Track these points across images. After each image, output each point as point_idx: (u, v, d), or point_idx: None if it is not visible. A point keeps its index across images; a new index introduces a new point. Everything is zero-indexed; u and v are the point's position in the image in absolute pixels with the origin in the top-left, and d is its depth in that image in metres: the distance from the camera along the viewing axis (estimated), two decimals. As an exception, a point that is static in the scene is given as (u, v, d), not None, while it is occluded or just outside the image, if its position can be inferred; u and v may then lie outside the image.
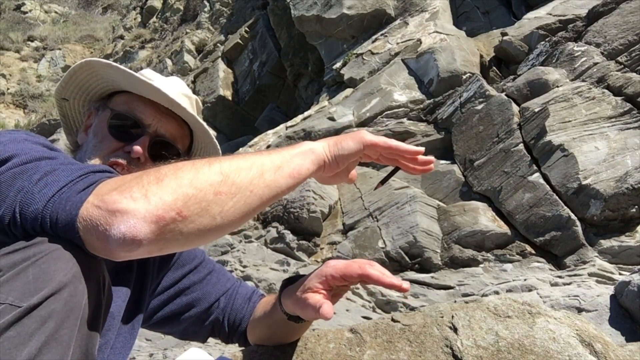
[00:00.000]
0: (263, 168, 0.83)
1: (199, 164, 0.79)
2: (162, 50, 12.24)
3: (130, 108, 1.09)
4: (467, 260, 4.00)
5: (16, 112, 14.93)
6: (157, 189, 0.73)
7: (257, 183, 0.81)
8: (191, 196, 0.74)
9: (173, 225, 0.72)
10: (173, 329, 1.22)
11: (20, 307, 0.66)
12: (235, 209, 0.78)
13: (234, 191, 0.78)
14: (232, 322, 1.19)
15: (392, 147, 0.98)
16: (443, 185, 4.73)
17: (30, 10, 19.97)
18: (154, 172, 0.76)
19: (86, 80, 1.12)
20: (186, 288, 1.20)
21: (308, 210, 4.66)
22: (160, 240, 0.72)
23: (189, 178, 0.76)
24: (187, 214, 0.73)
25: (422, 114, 5.52)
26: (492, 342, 1.04)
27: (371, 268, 0.94)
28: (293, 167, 0.87)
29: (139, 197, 0.72)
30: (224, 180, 0.78)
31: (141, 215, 0.70)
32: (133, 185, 0.73)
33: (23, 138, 0.86)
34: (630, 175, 3.75)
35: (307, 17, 7.34)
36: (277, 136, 6.25)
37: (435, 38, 6.11)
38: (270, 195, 0.83)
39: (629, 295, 3.03)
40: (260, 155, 0.86)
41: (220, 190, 0.77)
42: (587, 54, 4.75)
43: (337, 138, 0.97)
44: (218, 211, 0.76)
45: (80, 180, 0.77)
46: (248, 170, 0.81)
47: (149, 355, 3.37)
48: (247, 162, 0.82)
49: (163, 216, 0.71)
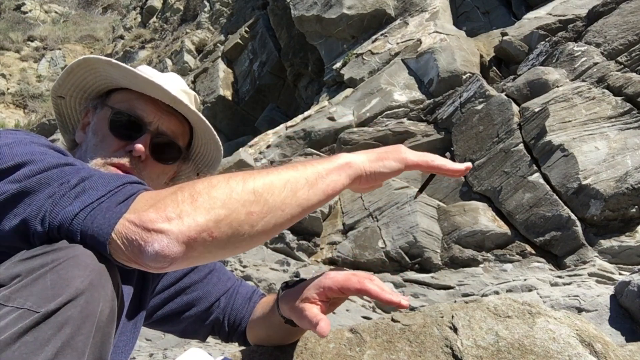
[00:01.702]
0: (297, 185, 0.82)
1: (234, 181, 0.79)
2: (162, 50, 12.24)
3: (130, 106, 1.07)
4: (467, 260, 4.00)
5: (16, 112, 14.94)
6: (191, 209, 0.74)
7: (290, 202, 0.80)
8: (223, 217, 0.75)
9: (202, 246, 0.74)
10: (173, 327, 1.22)
11: (38, 313, 0.67)
12: (265, 227, 0.79)
13: (266, 211, 0.78)
14: (233, 322, 1.19)
15: (436, 166, 0.95)
16: (443, 185, 4.74)
17: (30, 10, 19.97)
18: (189, 189, 0.77)
19: (84, 78, 1.10)
20: (187, 287, 1.20)
21: (308, 210, 4.66)
22: (190, 258, 0.75)
23: (223, 199, 0.76)
24: (218, 235, 0.75)
25: (422, 114, 5.52)
26: (492, 342, 1.04)
27: (370, 283, 0.93)
28: (328, 184, 0.85)
29: (174, 217, 0.73)
30: (257, 200, 0.78)
31: (174, 236, 0.72)
32: (168, 204, 0.75)
33: (29, 140, 0.85)
34: (630, 175, 3.75)
35: (307, 17, 7.34)
36: (277, 136, 6.25)
37: (435, 38, 6.11)
38: (301, 212, 0.83)
39: (629, 295, 3.03)
40: (295, 169, 0.84)
41: (252, 210, 0.77)
42: (587, 54, 4.75)
43: (380, 154, 0.94)
44: (248, 230, 0.77)
45: (118, 191, 0.78)
46: (281, 189, 0.80)
47: (149, 355, 3.37)
48: (281, 179, 0.81)
49: (195, 238, 0.73)
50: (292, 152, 5.90)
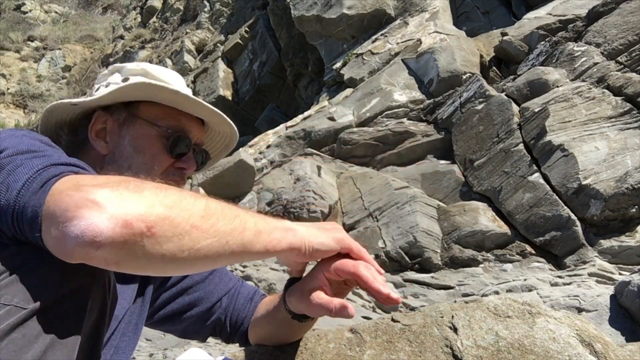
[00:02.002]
0: (246, 226, 0.78)
1: (187, 194, 0.75)
2: (162, 50, 12.24)
3: (179, 124, 1.08)
4: (467, 260, 4.00)
5: (16, 112, 14.94)
6: (134, 196, 0.68)
7: (236, 237, 0.75)
8: (167, 217, 0.69)
9: (139, 239, 0.66)
10: (174, 327, 1.22)
11: (26, 309, 0.67)
12: (207, 251, 0.72)
13: (212, 233, 0.72)
14: (234, 323, 1.19)
15: (364, 261, 0.91)
16: (443, 185, 4.73)
17: (30, 10, 19.97)
18: (135, 181, 0.72)
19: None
20: (188, 287, 1.20)
21: (308, 210, 4.66)
22: (121, 251, 0.66)
23: (171, 200, 0.71)
24: (157, 233, 0.67)
25: (422, 114, 5.52)
26: (492, 342, 1.04)
27: (365, 269, 0.89)
28: (271, 239, 0.81)
29: (112, 197, 0.66)
30: (206, 217, 0.73)
31: (108, 214, 0.64)
32: (110, 184, 0.69)
33: (22, 134, 0.85)
34: (630, 175, 3.75)
35: (307, 17, 7.34)
36: (277, 136, 6.25)
37: (435, 38, 6.11)
38: (242, 255, 0.78)
39: (629, 295, 3.03)
40: (246, 212, 0.81)
41: (199, 225, 0.71)
42: (587, 54, 4.75)
43: (319, 229, 0.90)
44: (189, 245, 0.70)
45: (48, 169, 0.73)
46: (231, 220, 0.76)
47: (149, 355, 3.37)
48: (232, 212, 0.78)
49: (131, 223, 0.65)
50: (292, 152, 5.90)
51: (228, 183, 5.30)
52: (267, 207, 5.09)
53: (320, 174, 5.14)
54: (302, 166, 5.25)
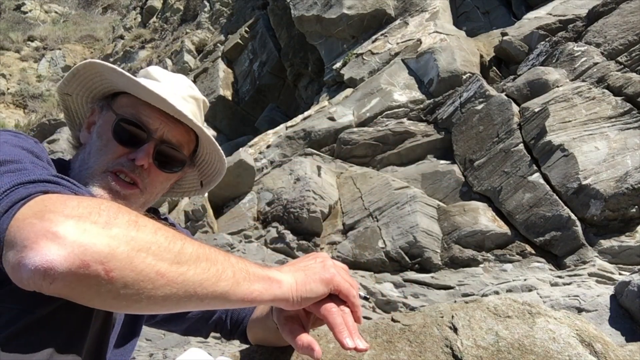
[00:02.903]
0: (222, 276, 0.73)
1: (162, 234, 0.69)
2: (162, 50, 12.24)
3: (135, 112, 1.04)
4: (467, 260, 4.00)
5: (16, 112, 14.94)
6: (100, 233, 0.64)
7: (207, 287, 0.71)
8: (130, 261, 0.64)
9: (94, 281, 0.63)
10: (176, 327, 1.23)
11: (33, 314, 0.67)
12: (167, 298, 0.68)
13: (179, 282, 0.68)
14: (235, 321, 1.20)
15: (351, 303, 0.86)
16: (443, 185, 4.73)
17: (30, 10, 19.98)
18: (108, 214, 0.67)
19: (89, 79, 1.08)
20: None
21: (308, 210, 4.66)
22: (74, 289, 0.63)
23: (142, 241, 0.66)
24: (115, 277, 0.63)
25: (422, 114, 5.52)
26: (492, 342, 1.04)
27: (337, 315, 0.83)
28: (251, 291, 0.76)
29: (75, 232, 0.63)
30: (177, 264, 0.68)
31: (65, 251, 0.61)
32: (78, 215, 0.65)
33: (3, 140, 0.83)
34: (630, 175, 3.75)
35: (307, 17, 7.34)
36: (277, 136, 6.25)
37: (435, 38, 6.11)
38: (211, 303, 0.74)
39: (629, 296, 3.03)
40: (227, 259, 0.76)
41: (165, 273, 0.67)
42: (587, 54, 4.75)
43: (307, 274, 0.84)
44: (149, 293, 0.66)
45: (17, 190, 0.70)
46: (206, 269, 0.71)
47: (149, 355, 3.37)
48: (209, 259, 0.72)
49: (88, 264, 0.62)
50: (292, 152, 5.90)
51: (228, 183, 5.30)
52: (267, 207, 5.09)
53: (320, 174, 5.14)
54: (302, 166, 5.25)
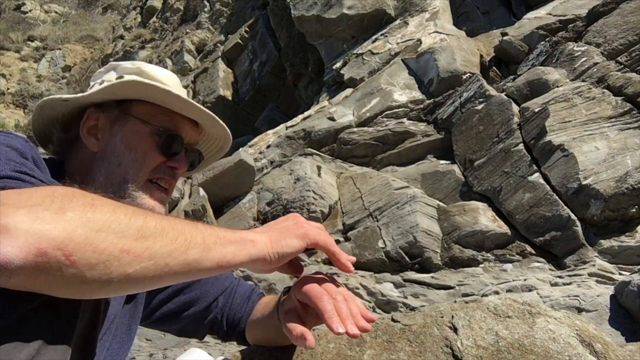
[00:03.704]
0: (191, 243, 0.72)
1: (121, 211, 0.68)
2: (162, 50, 12.24)
3: (173, 124, 1.07)
4: (467, 260, 4.00)
5: (16, 112, 14.94)
6: (54, 219, 0.62)
7: (177, 257, 0.70)
8: (90, 242, 0.62)
9: (56, 267, 0.61)
10: (171, 327, 1.22)
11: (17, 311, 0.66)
12: (141, 275, 0.67)
13: (147, 256, 0.67)
14: (231, 322, 1.19)
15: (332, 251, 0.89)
16: (443, 185, 4.73)
17: (30, 10, 19.98)
18: (62, 201, 0.64)
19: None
20: (184, 287, 1.19)
21: (308, 210, 4.66)
22: (37, 279, 0.61)
23: (100, 221, 0.64)
24: (78, 261, 0.61)
25: (422, 114, 5.52)
26: (492, 342, 1.04)
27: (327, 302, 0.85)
28: (225, 254, 0.76)
29: (27, 221, 0.60)
30: (141, 239, 0.67)
31: (19, 242, 0.59)
32: (29, 205, 0.62)
33: None
34: (630, 175, 3.75)
35: (307, 17, 7.34)
36: (277, 136, 6.25)
37: (435, 38, 6.11)
38: (187, 273, 0.73)
39: (629, 295, 3.03)
40: (194, 227, 0.75)
41: (130, 249, 0.65)
42: (587, 54, 4.75)
43: (280, 231, 0.86)
44: (118, 272, 0.65)
45: None
46: (172, 240, 0.70)
47: (149, 355, 3.37)
48: (175, 229, 0.72)
49: (45, 252, 0.60)
50: (292, 152, 5.90)
51: (228, 183, 5.30)
52: (267, 207, 5.09)
53: (320, 174, 5.14)
54: (302, 166, 5.25)
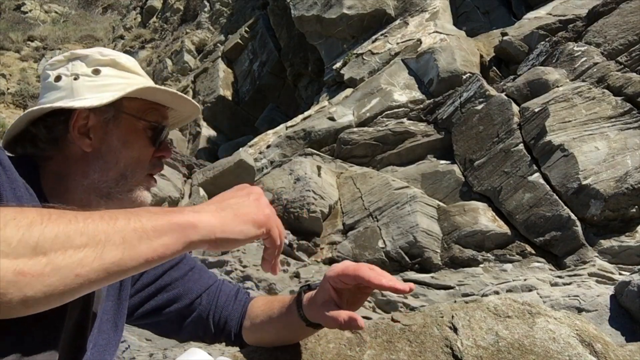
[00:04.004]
0: (106, 243, 0.60)
1: (12, 225, 0.57)
2: (162, 50, 12.25)
3: (162, 117, 1.08)
4: (467, 260, 4.00)
5: (16, 112, 14.94)
6: None
7: (89, 264, 0.59)
8: None
9: None
10: (154, 325, 1.21)
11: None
12: (48, 293, 0.57)
13: (48, 272, 0.57)
14: (218, 321, 1.18)
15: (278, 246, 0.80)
16: (443, 185, 4.73)
17: (30, 10, 19.99)
18: None
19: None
20: (167, 285, 1.19)
21: (308, 210, 4.66)
22: None
23: None
24: None
25: (422, 114, 5.52)
26: (492, 342, 1.04)
27: (367, 270, 0.88)
28: (155, 248, 0.64)
29: None
30: (37, 256, 0.56)
31: None
32: None
33: None
34: (630, 175, 3.75)
35: (307, 17, 7.34)
36: (277, 136, 6.25)
37: (435, 38, 6.11)
38: (110, 278, 0.62)
39: (629, 295, 3.03)
40: (110, 222, 0.62)
41: (26, 270, 0.55)
42: (587, 54, 4.75)
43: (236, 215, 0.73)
44: (18, 298, 0.56)
45: None
46: (79, 247, 0.59)
47: (149, 355, 3.37)
48: (82, 234, 0.60)
49: None
50: (292, 152, 5.90)
51: (228, 183, 5.30)
52: (267, 207, 5.09)
53: (320, 174, 5.14)
54: (302, 166, 5.25)
